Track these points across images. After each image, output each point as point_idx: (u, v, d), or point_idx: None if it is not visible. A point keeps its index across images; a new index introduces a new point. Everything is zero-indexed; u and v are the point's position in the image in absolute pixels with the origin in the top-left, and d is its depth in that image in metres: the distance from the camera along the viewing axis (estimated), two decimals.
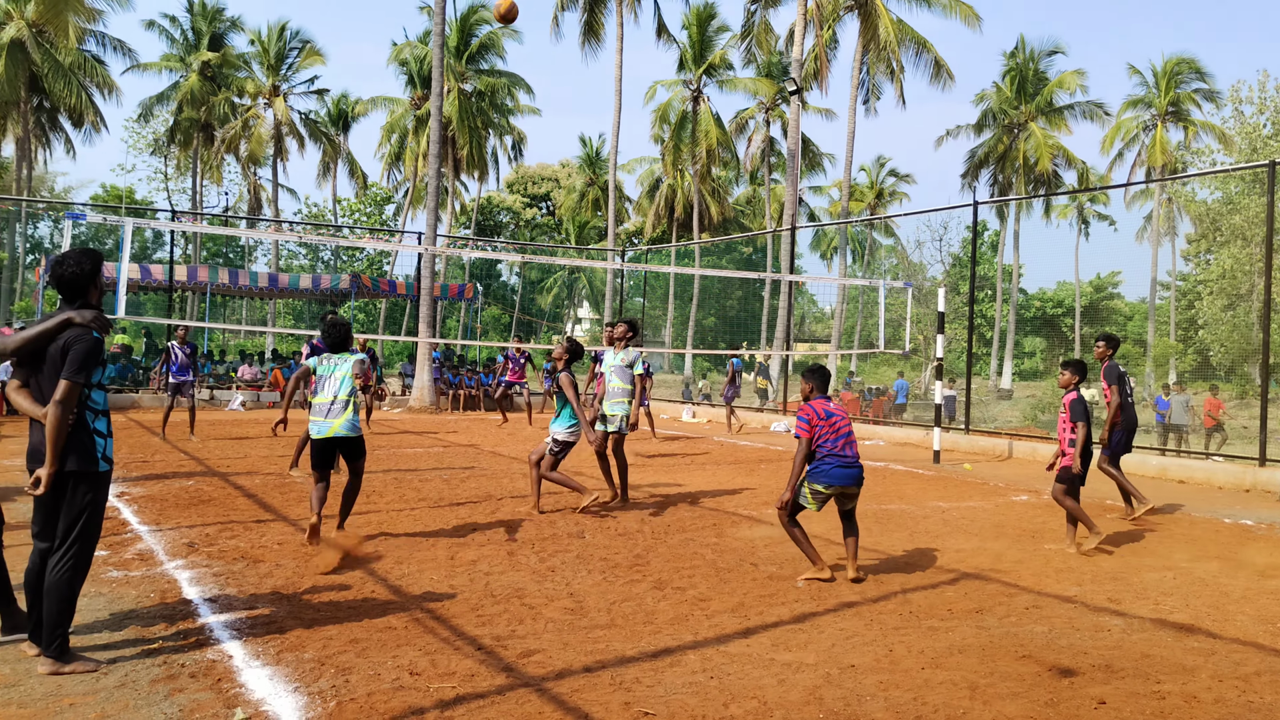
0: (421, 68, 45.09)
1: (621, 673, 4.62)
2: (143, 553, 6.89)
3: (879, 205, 60.11)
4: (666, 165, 47.89)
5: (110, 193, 58.72)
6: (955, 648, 5.17)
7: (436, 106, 23.61)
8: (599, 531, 8.17)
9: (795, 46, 29.69)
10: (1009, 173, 45.80)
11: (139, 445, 13.70)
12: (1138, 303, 63.79)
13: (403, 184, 52.76)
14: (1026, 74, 45.37)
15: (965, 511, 9.92)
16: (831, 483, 6.66)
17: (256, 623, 5.26)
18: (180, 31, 45.78)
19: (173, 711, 3.99)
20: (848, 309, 49.92)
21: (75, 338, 4.41)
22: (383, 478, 11.10)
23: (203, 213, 47.41)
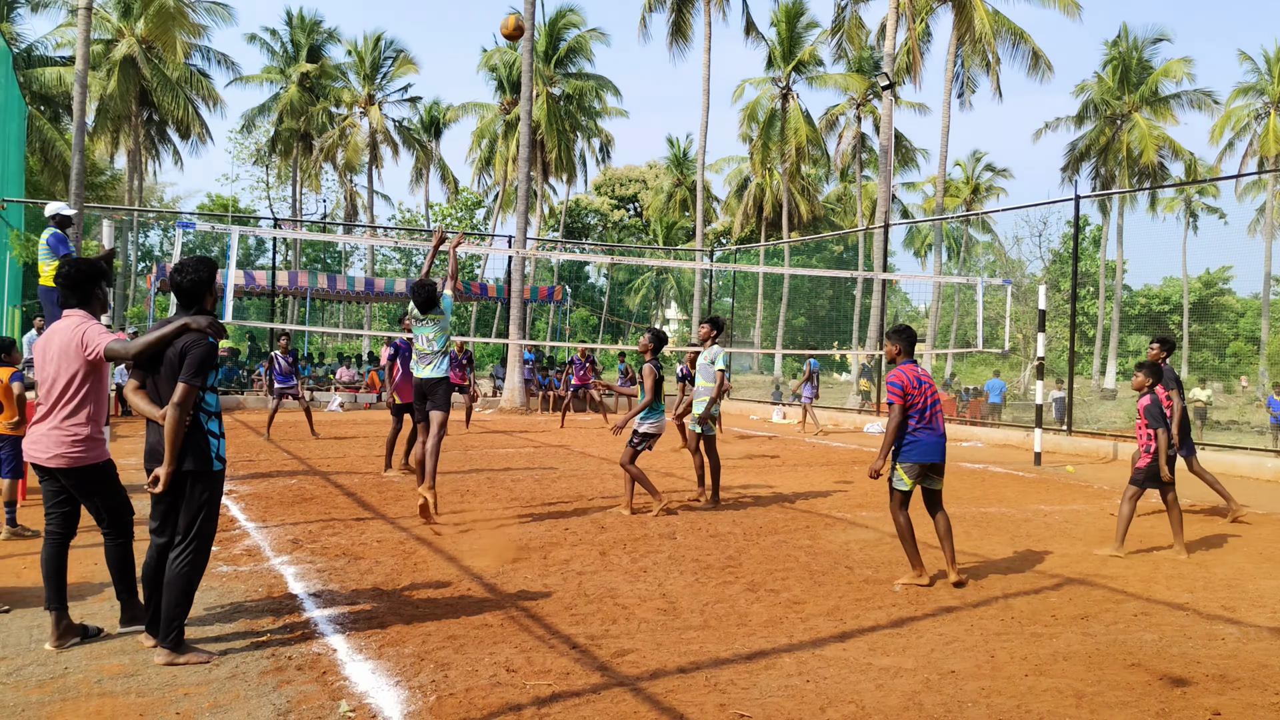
0: (511, 73, 45.71)
1: (716, 674, 4.61)
2: (250, 549, 7.13)
3: (975, 201, 58.78)
4: (755, 164, 47.61)
5: (216, 202, 60.97)
6: (1060, 654, 5.02)
7: (526, 111, 23.91)
8: (691, 533, 8.16)
9: (887, 40, 29.20)
10: (1111, 165, 44.30)
11: (244, 445, 14.18)
12: (1250, 299, 61.05)
13: (493, 188, 53.56)
14: (1130, 63, 43.83)
15: (1068, 515, 9.63)
16: (922, 457, 6.30)
17: (358, 618, 5.39)
18: (280, 44, 47.27)
19: (281, 703, 4.11)
20: (943, 308, 48.93)
21: (192, 342, 4.59)
22: (476, 478, 11.27)
23: (302, 219, 48.88)
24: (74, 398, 4.77)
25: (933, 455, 6.35)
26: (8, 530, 7.40)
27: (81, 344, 4.73)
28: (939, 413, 6.42)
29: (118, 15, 36.93)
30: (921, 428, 6.32)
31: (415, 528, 8.04)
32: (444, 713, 4.04)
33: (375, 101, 48.30)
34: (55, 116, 35.44)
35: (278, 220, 35.22)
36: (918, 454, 6.32)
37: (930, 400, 6.38)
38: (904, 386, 6.32)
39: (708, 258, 33.06)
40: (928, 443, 6.32)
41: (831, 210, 57.55)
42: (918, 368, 6.46)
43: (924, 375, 6.44)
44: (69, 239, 10.00)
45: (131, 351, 4.64)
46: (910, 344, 6.55)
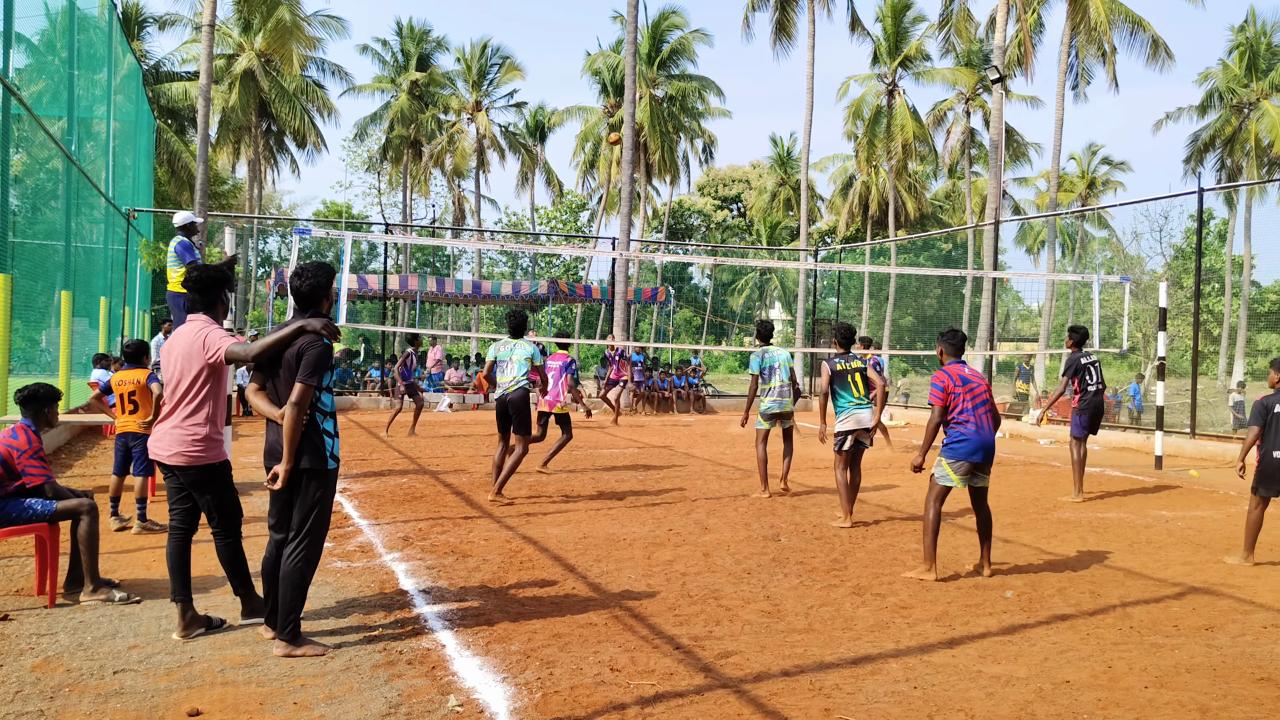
0: (614, 76, 46.07)
1: (820, 678, 4.56)
2: (363, 545, 7.35)
3: (1091, 195, 56.74)
4: (860, 162, 46.90)
5: (330, 208, 63.06)
6: (1182, 666, 4.81)
7: (629, 114, 24.05)
8: (795, 534, 8.10)
9: (997, 33, 28.43)
10: (1238, 156, 42.20)
11: (358, 445, 14.62)
12: None
13: (596, 190, 54.09)
14: (1258, 48, 41.69)
15: (1192, 521, 9.22)
16: (967, 455, 6.50)
17: (466, 614, 5.51)
18: (390, 54, 48.61)
19: (392, 696, 4.23)
20: (1057, 306, 47.37)
21: (308, 344, 4.76)
22: (580, 477, 11.39)
23: (412, 224, 50.17)
24: (195, 398, 5.00)
25: (977, 454, 6.56)
26: (138, 525, 7.79)
27: (203, 347, 4.95)
28: (986, 414, 6.61)
29: (239, 31, 38.54)
30: (965, 425, 6.53)
31: (522, 527, 8.17)
32: (549, 709, 4.10)
33: (482, 108, 49.28)
34: (181, 129, 37.24)
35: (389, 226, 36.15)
36: (963, 452, 6.54)
37: (977, 401, 6.57)
38: (945, 387, 6.61)
39: (812, 257, 32.72)
40: (973, 441, 6.53)
41: (939, 207, 56.28)
42: (965, 368, 6.69)
43: (972, 375, 6.67)
44: (195, 246, 10.49)
45: (251, 354, 4.84)
46: (956, 347, 6.84)
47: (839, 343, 8.96)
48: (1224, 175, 42.77)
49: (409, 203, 52.20)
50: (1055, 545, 7.90)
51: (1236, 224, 46.31)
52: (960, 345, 6.82)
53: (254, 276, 48.62)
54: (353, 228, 46.86)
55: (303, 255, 53.80)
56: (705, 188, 67.33)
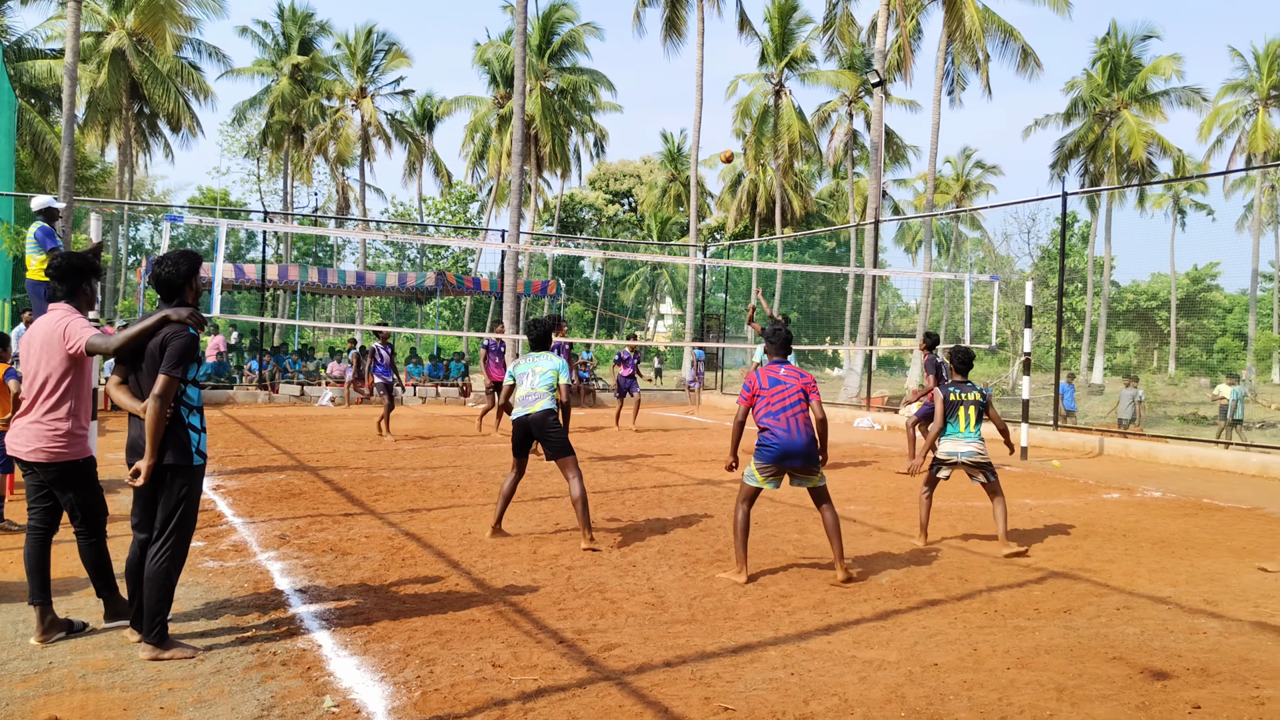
0: (504, 67, 45.62)
1: (702, 668, 4.63)
2: (237, 544, 7.13)
3: (965, 197, 58.89)
4: (748, 160, 47.62)
5: (206, 195, 60.74)
6: (1042, 648, 5.05)
7: (519, 105, 23.87)
8: (680, 526, 8.18)
9: (878, 37, 29.23)
10: (1100, 162, 44.38)
11: (234, 440, 14.16)
12: (1238, 294, 61.34)
13: (486, 182, 53.52)
14: (1119, 60, 43.90)
15: (1053, 509, 9.68)
16: (772, 459, 6.32)
17: (344, 613, 5.40)
18: (271, 37, 47.10)
19: (265, 698, 4.12)
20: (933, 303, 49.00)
21: (172, 334, 4.58)
22: (466, 473, 11.28)
23: (293, 213, 48.76)
24: (55, 392, 4.76)
25: (779, 459, 6.34)
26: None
27: (64, 337, 4.72)
28: (795, 416, 6.35)
29: (108, 7, 36.73)
30: (771, 428, 6.34)
31: (404, 523, 8.05)
32: (428, 708, 4.06)
33: (367, 94, 48.19)
34: (45, 109, 35.27)
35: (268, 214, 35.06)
36: (768, 456, 6.35)
37: (788, 402, 6.36)
38: (750, 388, 6.46)
39: (701, 253, 33.08)
40: (776, 446, 6.31)
41: (824, 206, 57.59)
42: (781, 369, 6.49)
43: (786, 376, 6.44)
44: (57, 233, 9.98)
45: (113, 345, 4.64)
46: (776, 346, 6.63)
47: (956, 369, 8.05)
48: (1087, 180, 44.93)
49: (290, 190, 50.71)
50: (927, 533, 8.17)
51: (1098, 227, 48.76)
52: (781, 344, 6.63)
53: (124, 265, 46.51)
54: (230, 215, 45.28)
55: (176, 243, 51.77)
56: (596, 182, 67.32)
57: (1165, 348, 60.07)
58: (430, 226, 59.35)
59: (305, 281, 26.70)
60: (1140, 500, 10.53)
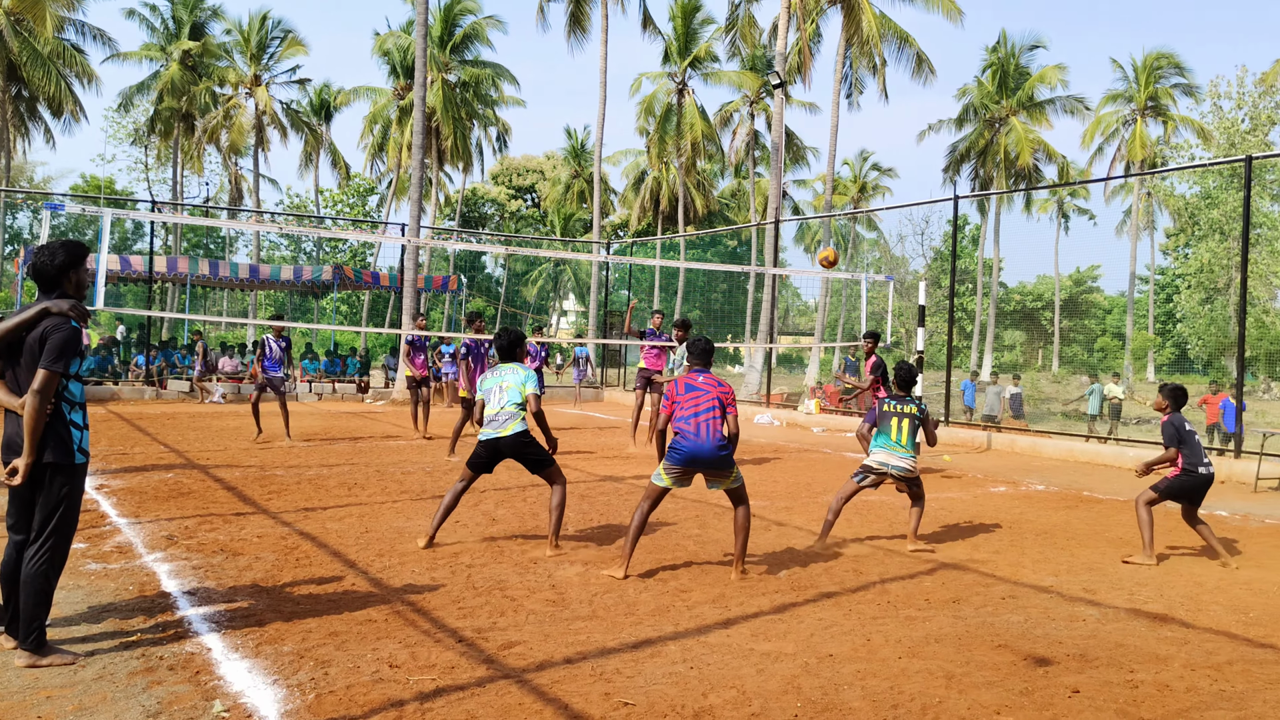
0: (405, 58, 44.86)
1: (602, 664, 4.64)
2: (121, 545, 6.86)
3: (862, 199, 60.25)
4: (651, 158, 47.83)
5: (90, 183, 58.25)
6: (932, 637, 5.22)
7: (420, 97, 23.52)
8: (583, 523, 8.19)
9: (779, 40, 29.69)
10: (990, 167, 45.95)
11: (119, 438, 13.63)
12: (1117, 296, 64.28)
13: (386, 175, 52.55)
14: (1008, 68, 45.51)
15: (944, 503, 9.99)
16: (680, 461, 6.44)
17: (236, 615, 5.25)
18: (160, 20, 45.38)
19: (151, 704, 3.98)
20: (831, 302, 50.03)
21: (53, 327, 4.38)
22: (364, 470, 11.08)
23: (183, 203, 47.07)
24: None
25: (689, 460, 6.43)
26: None
27: None
28: (708, 421, 6.44)
29: None
30: (684, 435, 6.46)
31: (298, 522, 7.86)
32: (323, 711, 3.98)
33: (262, 82, 46.81)
34: None
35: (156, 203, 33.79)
36: (676, 458, 6.45)
37: (701, 407, 6.47)
38: (669, 394, 6.62)
39: (605, 250, 33.12)
40: (684, 450, 6.42)
41: (726, 205, 58.24)
42: (700, 376, 6.62)
43: (704, 383, 6.56)
44: None
45: None
46: (698, 355, 6.76)
47: (898, 385, 8.10)
48: (977, 184, 46.47)
49: (180, 180, 48.93)
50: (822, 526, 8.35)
51: (988, 229, 50.51)
52: (700, 353, 6.77)
53: (0, 254, 44.28)
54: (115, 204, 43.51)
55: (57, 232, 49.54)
56: (499, 177, 66.78)
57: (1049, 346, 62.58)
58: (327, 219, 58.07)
59: (195, 274, 25.85)
60: (1025, 493, 10.94)
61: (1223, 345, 30.93)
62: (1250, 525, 9.31)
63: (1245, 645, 5.26)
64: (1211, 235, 30.61)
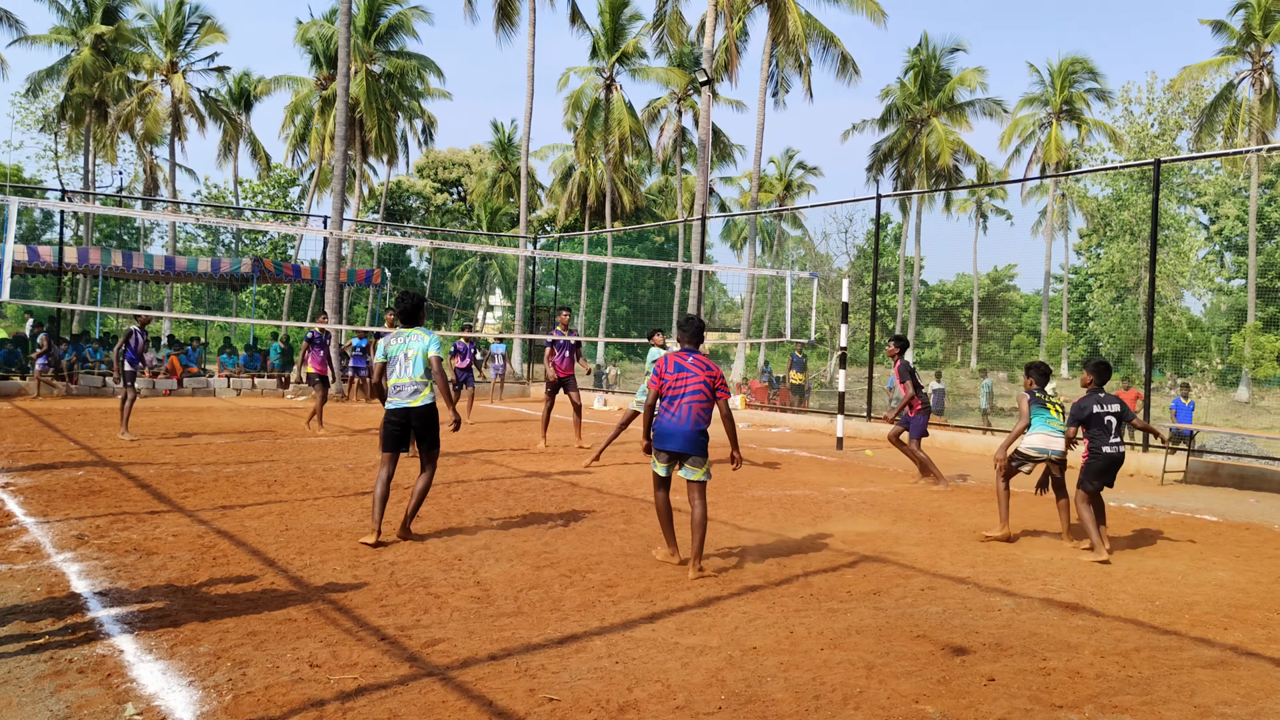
0: (328, 47, 44.03)
1: (527, 660, 4.62)
2: (28, 545, 6.63)
3: (787, 197, 60.93)
4: (579, 153, 47.73)
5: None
6: (853, 628, 5.30)
7: (343, 87, 23.11)
8: (507, 520, 8.14)
9: (706, 37, 29.85)
10: (912, 167, 46.86)
11: (25, 434, 13.15)
12: (1032, 294, 66.07)
13: (308, 166, 51.51)
14: (929, 70, 46.44)
15: (866, 496, 10.16)
16: (661, 443, 6.51)
17: (149, 616, 5.11)
18: (72, 3, 43.82)
19: (59, 708, 3.86)
20: (757, 299, 50.52)
21: None
22: (285, 467, 10.86)
23: (95, 192, 45.57)
24: None
25: (669, 442, 6.48)
26: None
27: None
28: (693, 403, 6.46)
29: None
30: (665, 415, 6.52)
31: (216, 520, 7.68)
32: (241, 712, 3.89)
33: (178, 69, 45.53)
34: None
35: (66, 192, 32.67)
36: (658, 440, 6.54)
37: (688, 389, 6.48)
38: (659, 372, 6.60)
39: (532, 244, 32.93)
40: (661, 429, 6.51)
41: (654, 201, 58.40)
42: (689, 357, 6.59)
43: (693, 364, 6.55)
44: None
45: None
46: (690, 335, 6.74)
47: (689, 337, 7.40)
48: (900, 184, 47.34)
49: (92, 168, 47.35)
50: (749, 521, 8.45)
51: (909, 228, 51.51)
52: (693, 334, 6.72)
53: None
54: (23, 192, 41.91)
55: None
56: (425, 170, 65.95)
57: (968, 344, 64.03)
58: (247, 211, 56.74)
59: (108, 265, 25.03)
60: (944, 488, 11.17)
61: (1132, 343, 32.00)
62: (1157, 516, 9.66)
63: (1151, 632, 5.46)
64: (1122, 236, 31.65)
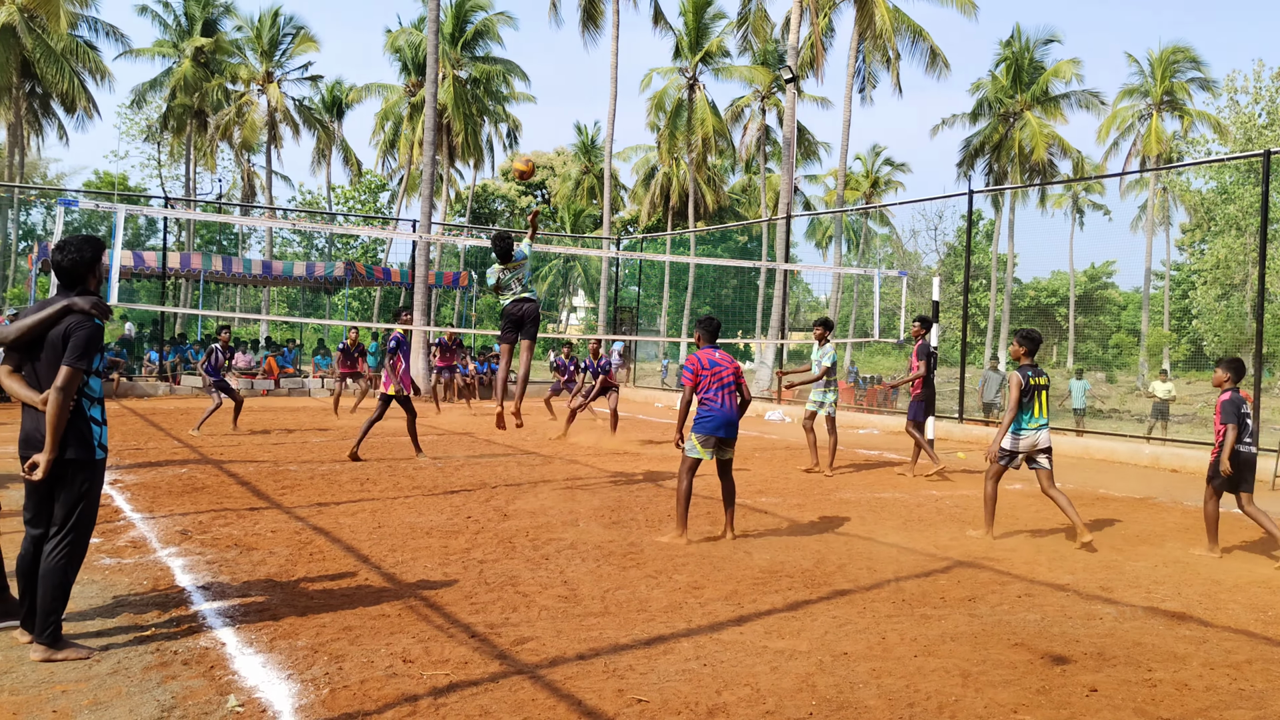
0: (416, 55, 44.88)
1: (615, 660, 4.63)
2: (136, 540, 6.88)
3: (874, 194, 60.04)
4: (662, 153, 47.75)
5: (103, 179, 58.48)
6: (948, 635, 5.18)
7: (431, 94, 23.54)
8: (594, 520, 8.18)
9: (791, 34, 29.56)
10: (1004, 162, 45.72)
11: (132, 433, 13.68)
12: (1132, 292, 63.95)
13: (397, 171, 52.58)
14: (1022, 63, 45.25)
15: (959, 500, 9.94)
16: (711, 430, 7.22)
17: (250, 610, 5.26)
18: (173, 17, 45.46)
19: (165, 699, 3.99)
20: (842, 298, 49.89)
21: (76, 324, 4.38)
22: (377, 465, 11.09)
23: (196, 199, 47.23)
24: None
25: (719, 429, 7.28)
26: None
27: None
28: (732, 393, 7.33)
29: None
30: (708, 403, 7.26)
31: (312, 517, 7.87)
32: (337, 705, 3.97)
33: (274, 79, 46.90)
34: None
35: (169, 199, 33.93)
36: (708, 427, 7.26)
37: (722, 382, 7.30)
38: (694, 369, 7.37)
39: (614, 246, 33.08)
40: (716, 417, 7.27)
41: (737, 201, 58.13)
42: (715, 353, 7.43)
43: (722, 358, 7.38)
44: None
45: (10, 335, 4.42)
46: (709, 332, 7.57)
47: (1027, 351, 7.94)
48: (992, 179, 46.25)
49: (193, 176, 49.10)
50: (837, 525, 8.33)
51: (1002, 224, 50.26)
52: (713, 332, 7.55)
53: (14, 251, 44.50)
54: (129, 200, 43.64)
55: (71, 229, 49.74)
56: (509, 173, 66.73)
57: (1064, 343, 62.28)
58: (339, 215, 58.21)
59: (209, 270, 25.91)
60: (1039, 491, 10.86)
61: (1239, 341, 30.72)
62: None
63: (1264, 644, 5.22)
64: (1228, 230, 30.39)
